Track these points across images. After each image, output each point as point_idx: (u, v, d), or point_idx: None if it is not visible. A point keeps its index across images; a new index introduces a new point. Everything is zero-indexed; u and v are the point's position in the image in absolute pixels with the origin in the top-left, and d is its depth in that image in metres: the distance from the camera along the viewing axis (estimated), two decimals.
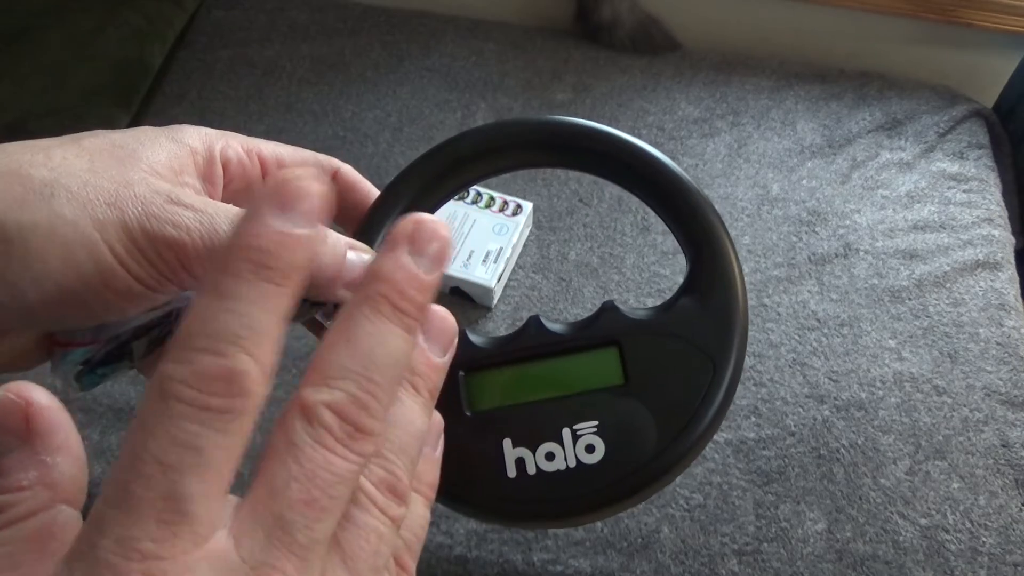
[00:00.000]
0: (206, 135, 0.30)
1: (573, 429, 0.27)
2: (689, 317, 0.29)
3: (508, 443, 0.28)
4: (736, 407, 0.93)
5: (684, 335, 0.29)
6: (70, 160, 0.25)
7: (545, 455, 0.27)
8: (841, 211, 1.11)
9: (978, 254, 1.07)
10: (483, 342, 0.30)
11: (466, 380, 0.29)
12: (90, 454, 0.89)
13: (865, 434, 0.92)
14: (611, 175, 0.32)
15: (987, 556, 0.85)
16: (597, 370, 0.29)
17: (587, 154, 0.32)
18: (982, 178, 1.16)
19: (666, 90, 1.25)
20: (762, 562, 0.84)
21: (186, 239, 0.25)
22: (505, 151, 0.32)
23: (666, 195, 0.31)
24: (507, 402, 0.28)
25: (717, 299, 0.29)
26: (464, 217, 1.03)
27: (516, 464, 0.27)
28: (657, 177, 0.31)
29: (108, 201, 0.25)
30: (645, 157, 0.32)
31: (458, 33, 1.31)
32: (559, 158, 0.33)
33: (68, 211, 0.24)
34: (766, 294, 1.03)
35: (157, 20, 1.27)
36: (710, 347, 0.28)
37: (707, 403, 0.28)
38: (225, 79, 1.24)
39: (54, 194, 0.24)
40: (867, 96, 1.25)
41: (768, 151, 1.18)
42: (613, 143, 0.32)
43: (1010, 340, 0.99)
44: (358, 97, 1.23)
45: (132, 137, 0.28)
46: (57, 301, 0.25)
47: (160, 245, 0.25)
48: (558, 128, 0.32)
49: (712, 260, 0.30)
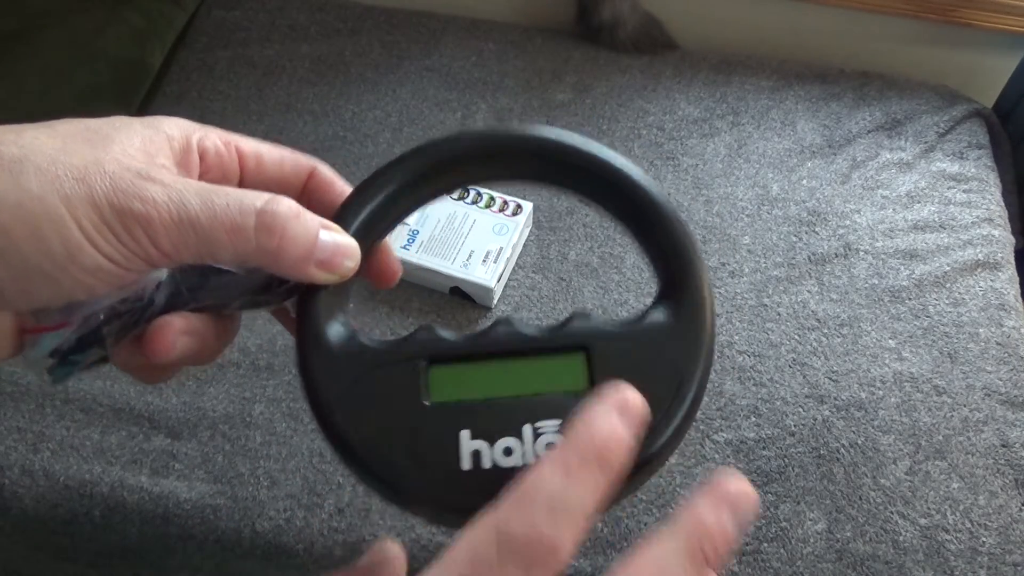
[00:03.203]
0: (184, 124, 0.30)
1: (535, 426, 0.27)
2: (658, 331, 0.29)
3: (466, 434, 0.27)
4: (736, 407, 0.93)
5: (652, 348, 0.28)
6: (41, 140, 0.25)
7: (503, 449, 0.27)
8: (841, 211, 1.11)
9: (978, 254, 1.07)
10: (451, 336, 0.29)
11: (428, 371, 0.28)
12: (90, 454, 0.89)
13: (865, 434, 0.92)
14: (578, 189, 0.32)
15: (987, 556, 0.85)
16: (563, 373, 0.28)
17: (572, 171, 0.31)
18: (982, 178, 1.16)
19: (666, 90, 1.25)
20: (762, 562, 0.84)
21: (153, 214, 0.25)
22: (495, 159, 0.32)
23: (632, 208, 0.31)
24: (469, 396, 0.28)
25: (686, 316, 0.29)
26: (464, 217, 1.03)
27: (472, 456, 0.27)
28: (622, 187, 0.31)
29: (76, 177, 0.25)
30: (608, 166, 0.31)
31: (458, 33, 1.31)
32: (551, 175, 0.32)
33: (35, 186, 0.24)
34: (766, 294, 1.03)
35: (157, 20, 1.27)
36: (677, 362, 0.28)
37: (668, 418, 0.27)
38: (225, 79, 1.24)
39: (22, 170, 0.24)
40: (867, 96, 1.25)
41: (768, 151, 1.18)
42: (576, 154, 0.31)
43: (1010, 340, 0.99)
44: (358, 97, 1.22)
45: (106, 123, 0.28)
46: (23, 277, 0.25)
47: (128, 220, 0.25)
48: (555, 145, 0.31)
49: (683, 275, 0.30)
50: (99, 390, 0.93)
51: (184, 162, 0.29)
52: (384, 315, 1.00)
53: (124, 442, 0.90)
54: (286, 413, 0.92)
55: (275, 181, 0.32)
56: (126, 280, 0.27)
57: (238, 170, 0.31)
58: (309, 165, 0.33)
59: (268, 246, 0.27)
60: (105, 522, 0.86)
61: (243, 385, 0.94)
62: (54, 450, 0.89)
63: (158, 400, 0.93)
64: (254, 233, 0.27)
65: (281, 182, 0.32)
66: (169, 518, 0.85)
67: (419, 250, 1.00)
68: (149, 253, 0.26)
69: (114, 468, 0.88)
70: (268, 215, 0.27)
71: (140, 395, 0.93)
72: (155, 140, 0.28)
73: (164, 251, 0.26)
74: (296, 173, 0.32)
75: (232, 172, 0.31)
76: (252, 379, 0.94)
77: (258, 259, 0.28)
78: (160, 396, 0.93)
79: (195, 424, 0.91)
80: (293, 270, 0.28)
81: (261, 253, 0.27)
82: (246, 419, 0.91)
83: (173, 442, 0.90)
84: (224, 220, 0.26)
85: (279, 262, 0.28)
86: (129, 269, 0.26)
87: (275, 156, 0.32)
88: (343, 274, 0.30)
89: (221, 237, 0.26)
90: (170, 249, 0.26)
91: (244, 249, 0.27)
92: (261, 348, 0.97)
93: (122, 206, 0.25)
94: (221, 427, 0.91)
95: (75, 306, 0.27)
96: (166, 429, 0.91)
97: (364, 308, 1.01)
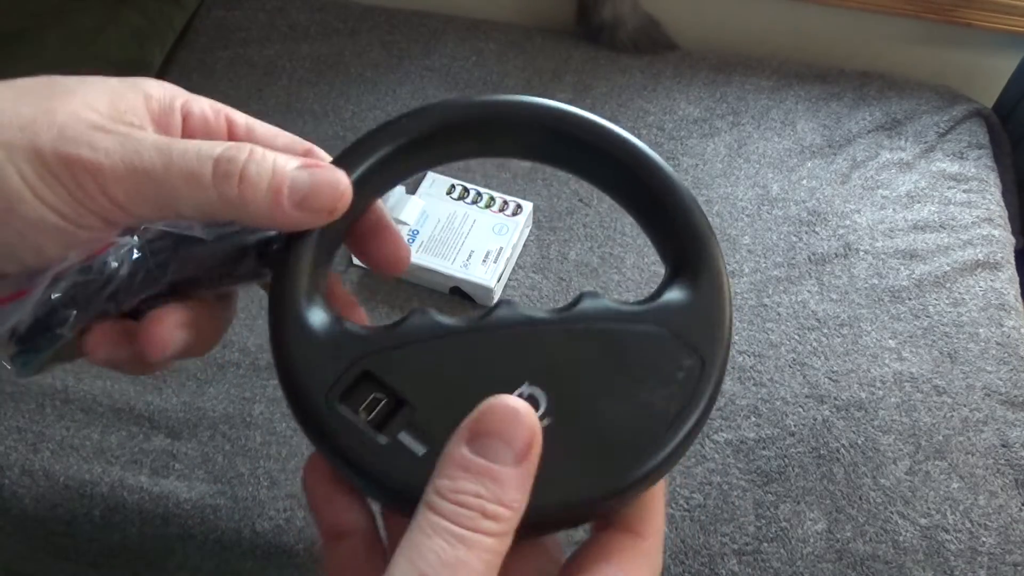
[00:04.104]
0: (169, 87, 0.28)
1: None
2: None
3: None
4: (736, 407, 0.93)
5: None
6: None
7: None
8: (841, 211, 1.11)
9: (978, 254, 1.07)
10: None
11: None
12: (90, 454, 0.89)
13: (865, 434, 0.92)
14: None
15: (987, 556, 0.85)
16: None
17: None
18: (982, 178, 1.16)
19: (666, 90, 1.25)
20: (762, 562, 0.84)
21: (104, 161, 0.24)
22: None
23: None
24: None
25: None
26: (464, 217, 1.03)
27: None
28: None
29: (21, 125, 0.23)
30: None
31: (458, 33, 1.31)
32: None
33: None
34: (766, 294, 1.03)
35: (157, 20, 1.27)
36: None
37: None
38: (225, 79, 1.24)
39: None
40: (867, 96, 1.25)
41: (768, 151, 1.18)
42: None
43: (1010, 340, 0.99)
44: (358, 97, 1.23)
45: (79, 80, 0.26)
46: None
47: (76, 168, 0.23)
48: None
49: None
50: (99, 390, 0.93)
51: (163, 122, 0.27)
52: (384, 315, 1.00)
53: (124, 442, 0.90)
54: (286, 413, 0.92)
55: None
56: (79, 239, 0.25)
57: (225, 135, 0.29)
58: (305, 145, 0.30)
59: (229, 194, 0.25)
60: (105, 522, 0.86)
61: (243, 385, 0.94)
62: (54, 450, 0.89)
63: (158, 400, 0.93)
64: (212, 181, 0.25)
65: None
66: (169, 518, 0.85)
67: (419, 250, 1.00)
68: (101, 204, 0.24)
69: (114, 468, 0.88)
70: (224, 160, 0.25)
71: (140, 395, 0.93)
72: (127, 97, 0.26)
73: (117, 202, 0.24)
74: (290, 150, 0.30)
75: (219, 138, 0.29)
76: (252, 379, 0.94)
77: (223, 211, 0.25)
78: (160, 396, 0.93)
79: (195, 424, 0.91)
80: (267, 218, 0.26)
81: (225, 204, 0.25)
82: (246, 419, 0.91)
83: (173, 442, 0.90)
84: (181, 168, 0.24)
85: (246, 209, 0.25)
86: (80, 225, 0.24)
87: (269, 130, 0.30)
88: (331, 210, 0.26)
89: (179, 186, 0.24)
90: (124, 200, 0.24)
91: (204, 199, 0.25)
92: (261, 348, 0.97)
93: (68, 154, 0.23)
94: (221, 427, 0.91)
95: (31, 274, 0.25)
96: (166, 429, 0.91)
97: (364, 308, 1.00)
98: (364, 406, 0.25)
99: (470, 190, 1.05)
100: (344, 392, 0.25)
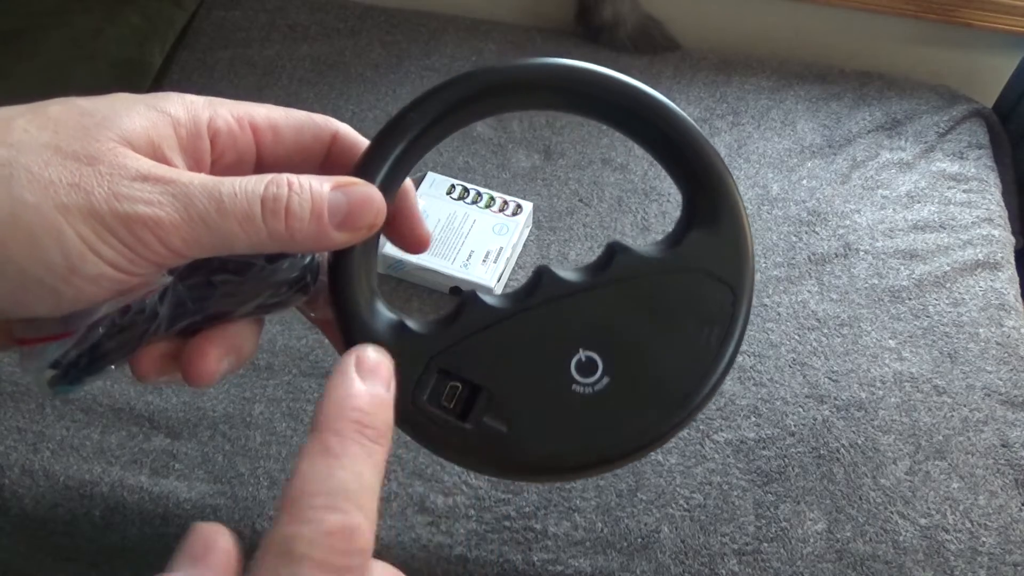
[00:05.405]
0: (191, 104, 0.28)
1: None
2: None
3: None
4: (736, 407, 0.93)
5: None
6: (32, 133, 0.24)
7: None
8: (841, 211, 1.11)
9: (978, 254, 1.07)
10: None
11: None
12: (90, 454, 0.89)
13: (865, 434, 0.92)
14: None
15: (987, 556, 0.85)
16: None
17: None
18: (982, 178, 1.16)
19: (666, 90, 1.24)
20: (762, 562, 0.84)
21: (162, 215, 0.24)
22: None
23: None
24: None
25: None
26: (464, 217, 1.03)
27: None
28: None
29: (71, 182, 0.23)
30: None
31: (458, 33, 1.31)
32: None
33: (29, 195, 0.23)
34: (766, 294, 1.03)
35: (157, 20, 1.27)
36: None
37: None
38: (225, 79, 1.24)
39: (13, 175, 0.23)
40: (867, 96, 1.25)
41: (768, 151, 1.18)
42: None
43: (1010, 340, 0.99)
44: (358, 97, 1.23)
45: (105, 104, 0.26)
46: (22, 289, 0.23)
47: (135, 225, 0.24)
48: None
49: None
50: (99, 390, 0.93)
51: (193, 149, 0.28)
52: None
53: (124, 442, 0.90)
54: (286, 413, 0.92)
55: (296, 152, 0.30)
56: (130, 285, 0.26)
57: (254, 147, 0.29)
58: (330, 129, 0.31)
59: (278, 228, 0.26)
60: (105, 522, 0.86)
61: (243, 385, 0.94)
62: (54, 450, 0.89)
63: (158, 400, 0.93)
64: (262, 221, 0.26)
65: (302, 151, 0.30)
66: (169, 518, 0.85)
67: None
68: (159, 253, 0.25)
69: (114, 468, 0.88)
70: (270, 199, 0.26)
71: (140, 395, 0.93)
72: (159, 125, 0.26)
73: (175, 250, 0.25)
74: (317, 139, 0.31)
75: (248, 151, 0.29)
76: (252, 379, 0.94)
77: (275, 245, 0.27)
78: (160, 396, 0.93)
79: (195, 424, 0.91)
80: (313, 244, 0.27)
81: (274, 238, 0.26)
82: (246, 419, 0.91)
83: (173, 442, 0.90)
84: (233, 211, 0.25)
85: (294, 240, 0.27)
86: (134, 274, 0.25)
87: (293, 125, 0.30)
88: (371, 226, 0.28)
89: (234, 229, 0.25)
90: (181, 247, 0.25)
91: (258, 239, 0.26)
92: (261, 348, 0.97)
93: (127, 213, 0.24)
94: (221, 427, 0.91)
95: (76, 315, 0.26)
96: (166, 429, 0.91)
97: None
98: (444, 398, 0.28)
99: (470, 190, 1.05)
100: (427, 391, 0.28)
